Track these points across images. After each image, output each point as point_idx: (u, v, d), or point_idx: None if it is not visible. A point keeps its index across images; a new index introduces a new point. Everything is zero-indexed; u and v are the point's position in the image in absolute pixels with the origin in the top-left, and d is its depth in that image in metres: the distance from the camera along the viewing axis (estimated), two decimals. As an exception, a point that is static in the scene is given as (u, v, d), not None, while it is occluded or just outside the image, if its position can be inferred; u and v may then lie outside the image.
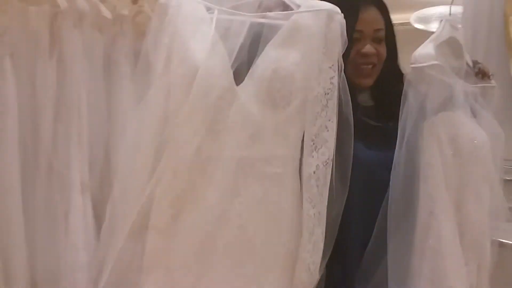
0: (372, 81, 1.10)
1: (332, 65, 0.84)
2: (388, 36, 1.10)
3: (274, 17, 0.85)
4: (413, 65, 1.03)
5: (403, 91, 1.02)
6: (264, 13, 0.86)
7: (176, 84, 0.82)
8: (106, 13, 1.17)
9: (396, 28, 1.14)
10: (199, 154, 0.79)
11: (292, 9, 0.85)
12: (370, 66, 1.08)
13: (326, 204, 0.83)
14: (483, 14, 1.85)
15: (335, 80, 0.84)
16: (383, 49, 1.08)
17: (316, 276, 0.84)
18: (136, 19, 1.29)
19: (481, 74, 1.21)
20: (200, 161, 0.80)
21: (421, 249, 1.00)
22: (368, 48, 1.05)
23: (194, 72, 0.79)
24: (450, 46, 1.13)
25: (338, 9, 0.84)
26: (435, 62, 1.01)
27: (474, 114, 1.13)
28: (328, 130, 0.83)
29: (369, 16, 1.05)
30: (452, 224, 1.02)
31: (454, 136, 1.04)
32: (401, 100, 1.03)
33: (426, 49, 1.04)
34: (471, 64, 1.21)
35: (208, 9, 0.85)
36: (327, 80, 0.84)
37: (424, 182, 1.01)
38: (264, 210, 0.80)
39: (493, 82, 1.23)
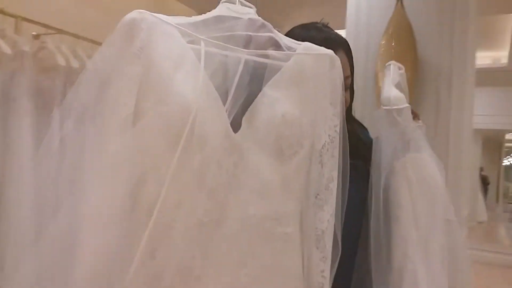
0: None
1: (336, 112, 0.78)
2: (352, 82, 1.06)
3: (275, 56, 0.74)
4: (386, 107, 1.07)
5: (376, 131, 1.09)
6: (264, 51, 0.75)
7: (156, 129, 0.63)
8: (5, 48, 1.12)
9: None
10: (192, 221, 0.64)
11: (283, 50, 0.76)
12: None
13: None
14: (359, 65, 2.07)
15: (338, 129, 0.78)
16: (348, 96, 1.03)
17: None
18: (39, 55, 1.23)
19: (414, 115, 1.22)
20: (195, 229, 0.65)
21: None
22: None
23: (183, 115, 0.62)
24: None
25: (336, 56, 0.79)
26: (407, 105, 1.08)
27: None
28: (333, 181, 0.77)
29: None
30: (425, 267, 1.03)
31: (421, 177, 1.09)
32: (374, 140, 1.07)
33: (395, 92, 1.09)
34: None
35: (185, 36, 0.69)
36: (332, 127, 0.77)
37: (396, 222, 1.04)
38: (273, 280, 0.69)
39: (421, 123, 1.27)
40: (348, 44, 1.03)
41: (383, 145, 1.06)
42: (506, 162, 8.78)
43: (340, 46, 0.99)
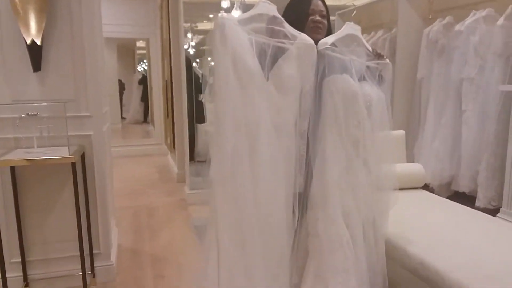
0: (322, 37, 1.73)
1: (314, 74, 1.63)
2: (328, 17, 1.81)
3: (285, 43, 1.59)
4: (319, 47, 1.63)
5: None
6: (280, 39, 1.59)
7: (246, 83, 1.50)
8: None
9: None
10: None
11: (292, 39, 1.60)
12: (320, 26, 1.76)
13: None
14: None
15: (314, 81, 1.63)
16: (325, 21, 1.79)
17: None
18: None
19: (377, 55, 1.83)
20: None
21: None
22: (318, 17, 1.76)
23: (256, 75, 1.51)
24: (352, 38, 1.78)
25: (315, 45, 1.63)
26: (328, 46, 1.63)
27: (365, 78, 1.75)
28: (310, 109, 1.63)
29: (317, 3, 1.78)
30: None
31: (338, 87, 1.65)
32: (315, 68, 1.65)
33: (325, 39, 1.66)
34: (370, 49, 1.82)
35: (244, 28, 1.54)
36: (312, 80, 1.62)
37: (322, 112, 1.65)
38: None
39: (387, 60, 1.85)
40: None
41: (317, 70, 1.65)
42: (139, 68, 9.65)
43: None
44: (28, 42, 2.20)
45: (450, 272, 1.63)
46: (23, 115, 2.22)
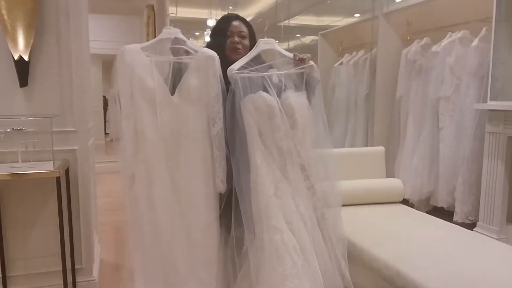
0: (240, 57, 1.83)
1: (217, 81, 1.74)
2: (251, 36, 1.99)
3: (186, 58, 1.77)
4: (228, 74, 1.74)
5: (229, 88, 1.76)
6: (180, 57, 1.77)
7: (141, 98, 1.69)
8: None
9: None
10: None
11: (193, 54, 1.76)
12: (238, 47, 1.93)
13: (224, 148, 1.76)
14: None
15: (219, 88, 1.74)
16: (245, 42, 1.96)
17: (225, 185, 1.76)
18: None
19: (299, 60, 1.86)
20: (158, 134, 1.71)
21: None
22: (236, 38, 1.94)
23: (151, 92, 1.69)
24: (267, 54, 1.88)
25: (216, 54, 1.75)
26: (235, 71, 1.74)
27: (286, 88, 1.81)
28: (220, 113, 1.75)
29: (236, 25, 1.96)
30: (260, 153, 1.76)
31: (255, 105, 1.73)
32: (229, 91, 1.75)
33: (233, 65, 1.75)
34: (292, 57, 1.88)
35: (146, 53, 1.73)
36: (216, 88, 1.74)
37: (246, 131, 1.74)
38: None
39: (311, 62, 1.87)
40: (243, 18, 2.01)
41: (231, 94, 1.75)
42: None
43: (237, 18, 1.99)
44: (16, 57, 2.24)
45: (426, 282, 1.69)
46: (8, 130, 2.24)
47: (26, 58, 2.26)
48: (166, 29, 1.81)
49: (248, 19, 2.08)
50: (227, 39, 1.94)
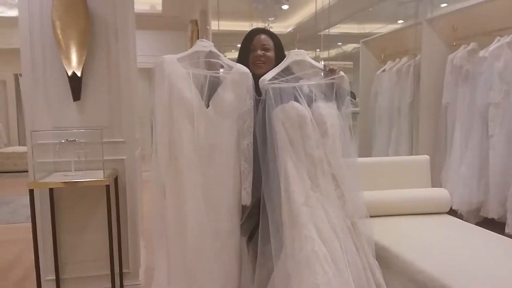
0: (265, 70, 1.88)
1: (250, 97, 1.82)
2: (276, 48, 2.01)
3: (222, 73, 1.84)
4: (260, 84, 1.80)
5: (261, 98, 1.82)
6: (217, 71, 1.85)
7: (178, 108, 1.74)
8: None
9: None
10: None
11: (228, 69, 1.83)
12: (261, 60, 1.96)
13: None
14: (35, 19, 2.40)
15: (252, 103, 1.82)
16: (269, 54, 1.98)
17: (250, 197, 1.82)
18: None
19: (330, 71, 1.92)
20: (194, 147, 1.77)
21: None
22: (259, 51, 1.97)
23: (189, 103, 1.74)
24: (299, 64, 1.93)
25: (249, 71, 1.84)
26: (266, 81, 1.79)
27: (317, 99, 1.86)
28: (250, 127, 1.82)
29: (259, 39, 1.99)
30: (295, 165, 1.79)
31: (287, 115, 1.77)
32: (260, 102, 1.81)
33: (265, 76, 1.82)
34: (322, 67, 1.94)
35: (182, 64, 1.79)
36: (248, 103, 1.82)
37: (277, 140, 1.77)
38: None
39: (341, 73, 1.91)
40: (268, 31, 2.07)
41: (264, 104, 1.80)
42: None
43: (261, 32, 2.03)
44: (69, 73, 2.40)
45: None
46: (62, 141, 2.39)
47: (78, 74, 2.41)
48: (200, 41, 1.88)
49: (288, 30, 2.13)
50: (250, 54, 1.98)
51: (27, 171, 2.40)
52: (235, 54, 2.07)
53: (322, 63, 2.04)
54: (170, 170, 1.74)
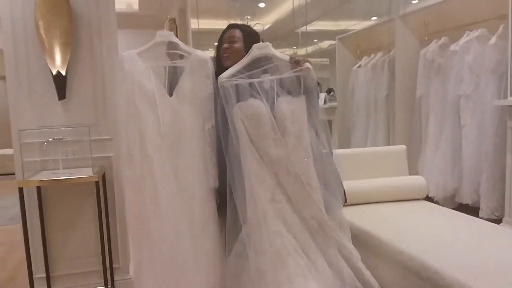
0: (232, 62, 1.89)
1: (210, 82, 1.88)
2: (244, 40, 1.98)
3: (180, 62, 1.92)
4: (218, 81, 1.82)
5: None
6: (174, 60, 1.93)
7: (141, 101, 1.82)
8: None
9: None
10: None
11: (188, 57, 1.90)
12: (227, 52, 1.98)
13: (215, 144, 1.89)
14: (18, 18, 2.41)
15: (212, 88, 1.88)
16: (236, 45, 1.98)
17: (217, 180, 1.89)
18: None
19: (295, 63, 1.81)
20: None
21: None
22: (225, 44, 1.99)
23: (150, 94, 1.82)
24: (262, 58, 1.84)
25: (208, 57, 1.92)
26: (224, 79, 1.80)
27: (279, 94, 1.80)
28: (212, 112, 1.88)
29: (229, 32, 2.02)
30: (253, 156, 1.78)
31: (245, 113, 1.76)
32: (215, 98, 1.86)
33: (224, 73, 1.81)
34: (288, 59, 1.83)
35: (142, 58, 1.87)
36: (209, 88, 1.88)
37: (239, 138, 1.77)
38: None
39: (306, 65, 1.79)
40: (240, 25, 2.07)
41: (220, 101, 1.81)
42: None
43: (232, 26, 2.04)
44: (54, 73, 2.42)
45: (451, 272, 1.74)
46: (49, 139, 2.41)
47: (63, 73, 2.43)
48: (160, 32, 1.95)
49: (266, 27, 2.19)
50: (220, 48, 2.02)
51: (4, 174, 2.41)
52: (211, 53, 2.12)
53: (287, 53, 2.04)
54: (143, 160, 1.82)
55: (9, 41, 2.39)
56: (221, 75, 1.82)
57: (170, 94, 1.88)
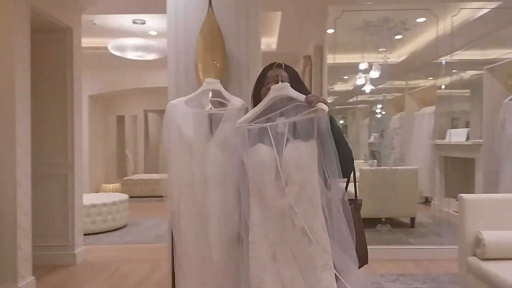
0: None
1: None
2: (292, 79, 1.83)
3: (219, 110, 2.03)
4: (235, 126, 1.77)
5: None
6: (218, 108, 2.05)
7: (179, 144, 1.95)
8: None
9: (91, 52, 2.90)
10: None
11: (226, 104, 2.02)
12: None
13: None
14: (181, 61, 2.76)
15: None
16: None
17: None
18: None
19: (308, 103, 1.61)
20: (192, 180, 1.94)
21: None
22: (272, 84, 1.78)
23: (188, 139, 1.94)
24: (279, 100, 1.72)
25: (243, 105, 1.99)
26: (238, 124, 1.75)
27: (289, 139, 1.63)
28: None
29: (274, 71, 1.86)
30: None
31: (251, 159, 1.67)
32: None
33: (242, 118, 1.77)
34: (303, 100, 1.63)
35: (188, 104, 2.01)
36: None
37: (249, 185, 1.69)
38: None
39: (320, 105, 1.56)
40: (283, 64, 1.88)
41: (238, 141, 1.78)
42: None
43: (279, 66, 1.87)
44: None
45: None
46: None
47: (215, 111, 2.67)
48: (207, 79, 2.08)
49: (400, 59, 2.06)
50: (263, 88, 1.87)
51: (149, 197, 2.67)
52: (341, 86, 2.08)
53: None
54: (180, 199, 1.95)
55: (172, 80, 2.72)
56: (238, 120, 1.78)
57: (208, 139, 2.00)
